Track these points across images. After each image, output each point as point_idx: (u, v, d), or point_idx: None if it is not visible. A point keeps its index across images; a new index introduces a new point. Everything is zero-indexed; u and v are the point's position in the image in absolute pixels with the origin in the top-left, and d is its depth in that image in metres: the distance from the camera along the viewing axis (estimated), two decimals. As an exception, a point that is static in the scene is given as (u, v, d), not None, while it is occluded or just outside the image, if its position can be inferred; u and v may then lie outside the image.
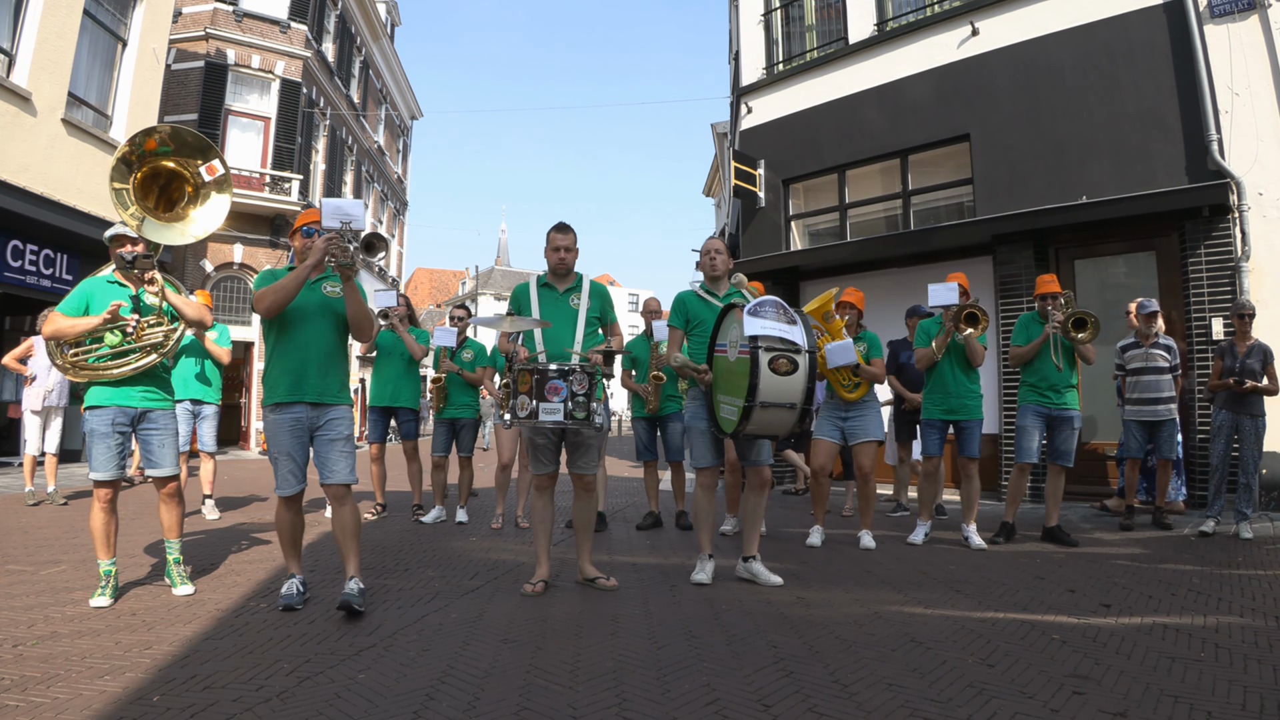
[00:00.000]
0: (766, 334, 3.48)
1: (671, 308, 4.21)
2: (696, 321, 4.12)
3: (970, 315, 5.00)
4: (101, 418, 3.44)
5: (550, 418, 3.42)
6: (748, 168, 9.96)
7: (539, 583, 3.73)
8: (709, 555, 3.96)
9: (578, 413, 3.45)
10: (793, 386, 3.50)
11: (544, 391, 3.43)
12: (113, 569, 3.47)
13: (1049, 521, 5.19)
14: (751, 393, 3.43)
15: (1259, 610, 3.34)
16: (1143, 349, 5.79)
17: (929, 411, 5.26)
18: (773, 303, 3.63)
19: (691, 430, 3.97)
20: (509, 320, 3.60)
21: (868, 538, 5.13)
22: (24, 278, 9.25)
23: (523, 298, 3.86)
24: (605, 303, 3.91)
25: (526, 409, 3.45)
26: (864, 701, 2.32)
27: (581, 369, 3.49)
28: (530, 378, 3.46)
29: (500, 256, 67.72)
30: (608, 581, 3.81)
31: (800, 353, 3.53)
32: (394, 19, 23.86)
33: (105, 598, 3.36)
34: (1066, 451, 5.15)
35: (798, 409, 3.55)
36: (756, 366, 3.44)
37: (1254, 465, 5.33)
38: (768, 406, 3.48)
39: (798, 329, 3.56)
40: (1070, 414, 5.14)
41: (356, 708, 2.26)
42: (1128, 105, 7.16)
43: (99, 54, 10.38)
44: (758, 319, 3.52)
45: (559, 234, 3.85)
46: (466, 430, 6.17)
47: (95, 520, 3.44)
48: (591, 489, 3.89)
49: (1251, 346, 5.37)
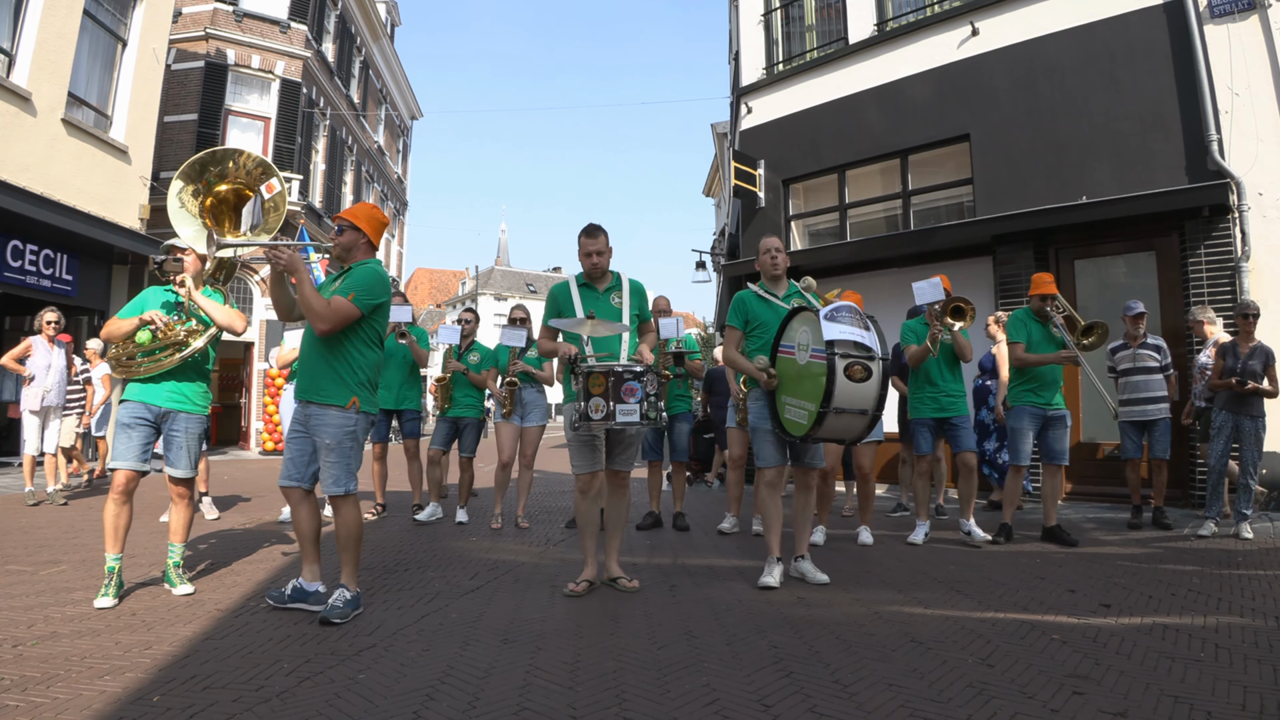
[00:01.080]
0: (844, 339, 3.47)
1: (731, 307, 4.16)
2: (757, 323, 4.05)
3: (956, 309, 5.01)
4: (127, 410, 3.60)
5: (626, 419, 3.43)
6: (748, 168, 9.97)
7: (583, 582, 3.71)
8: (778, 558, 3.89)
9: (650, 413, 3.47)
10: (866, 393, 3.49)
11: (620, 393, 3.43)
12: (117, 565, 3.48)
13: (1048, 521, 5.19)
14: (827, 399, 3.42)
15: (1259, 610, 3.34)
16: (1130, 350, 5.80)
17: (919, 411, 5.28)
18: (849, 308, 3.63)
19: (757, 431, 3.93)
20: (590, 324, 3.57)
21: (865, 534, 5.16)
22: (24, 278, 9.24)
23: (563, 297, 3.80)
24: (643, 300, 3.92)
25: (602, 411, 3.43)
26: (864, 701, 2.32)
27: (651, 370, 3.51)
28: (605, 379, 3.44)
29: (500, 256, 67.73)
30: (630, 583, 3.79)
31: (875, 359, 3.52)
32: (394, 19, 23.86)
33: (109, 598, 3.37)
34: (1061, 451, 5.16)
35: (869, 415, 3.54)
36: (833, 373, 3.41)
37: (1253, 466, 5.33)
38: (841, 413, 3.47)
39: (872, 335, 3.57)
40: (1063, 412, 5.16)
41: (356, 708, 2.26)
42: (1128, 105, 7.16)
43: (99, 54, 10.37)
44: (835, 324, 3.50)
45: (589, 239, 3.80)
46: (470, 430, 6.17)
47: (107, 511, 3.50)
48: (627, 486, 3.91)
49: (1254, 348, 5.36)
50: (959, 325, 5.01)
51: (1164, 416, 5.69)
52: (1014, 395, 5.28)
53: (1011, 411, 5.27)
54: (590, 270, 3.82)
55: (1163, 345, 5.79)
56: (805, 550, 4.06)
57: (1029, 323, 5.23)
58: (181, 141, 14.65)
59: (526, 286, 60.08)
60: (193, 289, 3.70)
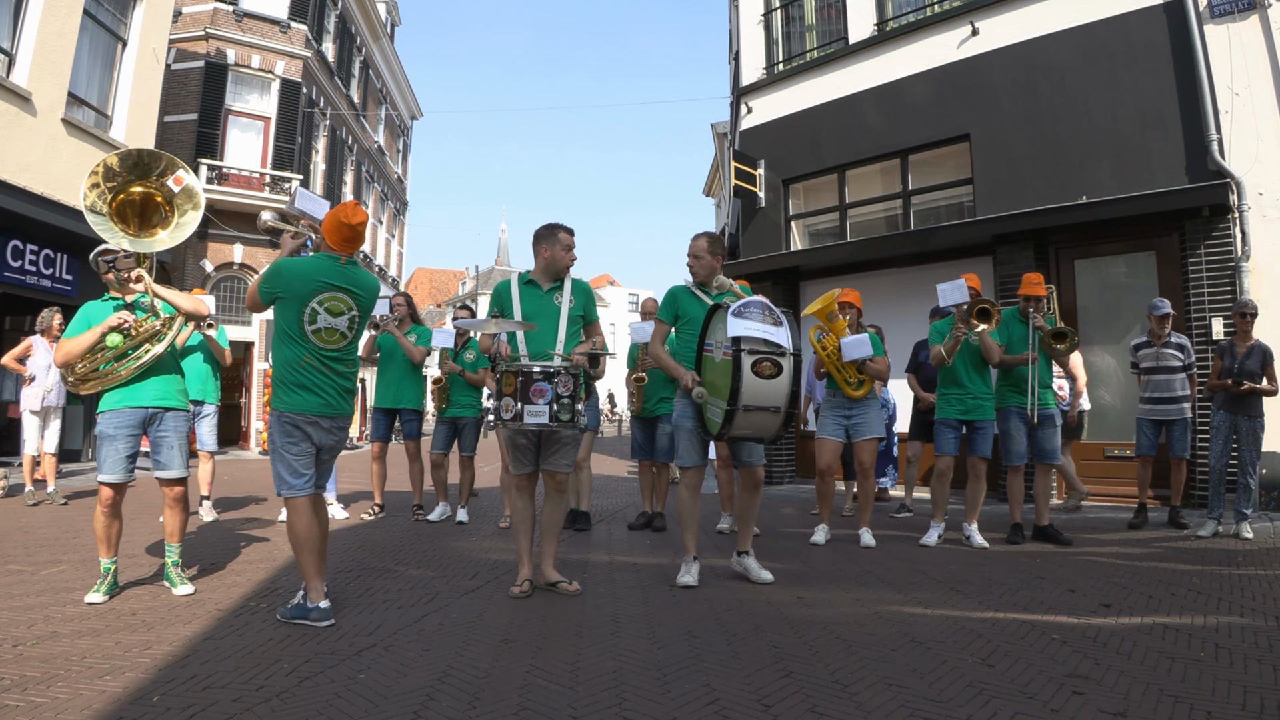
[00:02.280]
0: (750, 335, 3.44)
1: (662, 301, 4.16)
2: (687, 318, 4.04)
3: (982, 311, 4.99)
4: (112, 420, 3.46)
5: (535, 420, 3.38)
6: (748, 168, 9.96)
7: (524, 583, 3.67)
8: (694, 557, 3.90)
9: (562, 415, 3.41)
10: (776, 389, 3.45)
11: (529, 394, 3.38)
12: (112, 567, 3.50)
13: (1040, 520, 5.20)
14: (734, 396, 3.38)
15: (1259, 610, 3.34)
16: (1154, 348, 5.79)
17: (944, 411, 5.23)
18: (758, 304, 3.58)
19: (679, 429, 3.90)
20: (495, 322, 3.53)
21: (867, 535, 5.15)
22: (24, 278, 9.25)
23: (504, 295, 3.78)
24: (589, 300, 3.86)
25: (511, 411, 3.39)
26: (864, 701, 2.32)
27: (566, 370, 3.45)
28: (515, 379, 3.40)
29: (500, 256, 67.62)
30: (570, 586, 3.70)
31: (784, 355, 3.48)
32: (394, 19, 23.86)
33: (99, 594, 3.39)
34: (1052, 450, 5.16)
35: (781, 412, 3.50)
36: (739, 369, 3.39)
37: (1252, 466, 5.33)
38: (751, 410, 3.43)
39: (783, 330, 3.51)
40: (1051, 411, 5.17)
41: (356, 708, 2.26)
42: (1128, 105, 7.16)
43: (99, 54, 10.37)
44: (742, 320, 3.46)
45: (572, 235, 3.82)
46: (468, 430, 6.17)
47: (98, 521, 3.46)
48: (563, 489, 3.83)
49: (1251, 347, 5.36)
50: (984, 327, 4.98)
51: (1183, 416, 5.68)
52: (999, 397, 5.28)
53: (999, 414, 5.27)
54: (568, 264, 3.80)
55: (1186, 345, 5.77)
56: (748, 546, 4.04)
57: (1012, 323, 5.25)
58: (182, 141, 14.65)
59: (526, 286, 59.91)
60: (151, 282, 3.58)
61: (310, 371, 3.17)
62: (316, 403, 3.18)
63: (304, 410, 3.16)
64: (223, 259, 15.23)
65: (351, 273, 3.29)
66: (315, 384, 3.18)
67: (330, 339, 3.21)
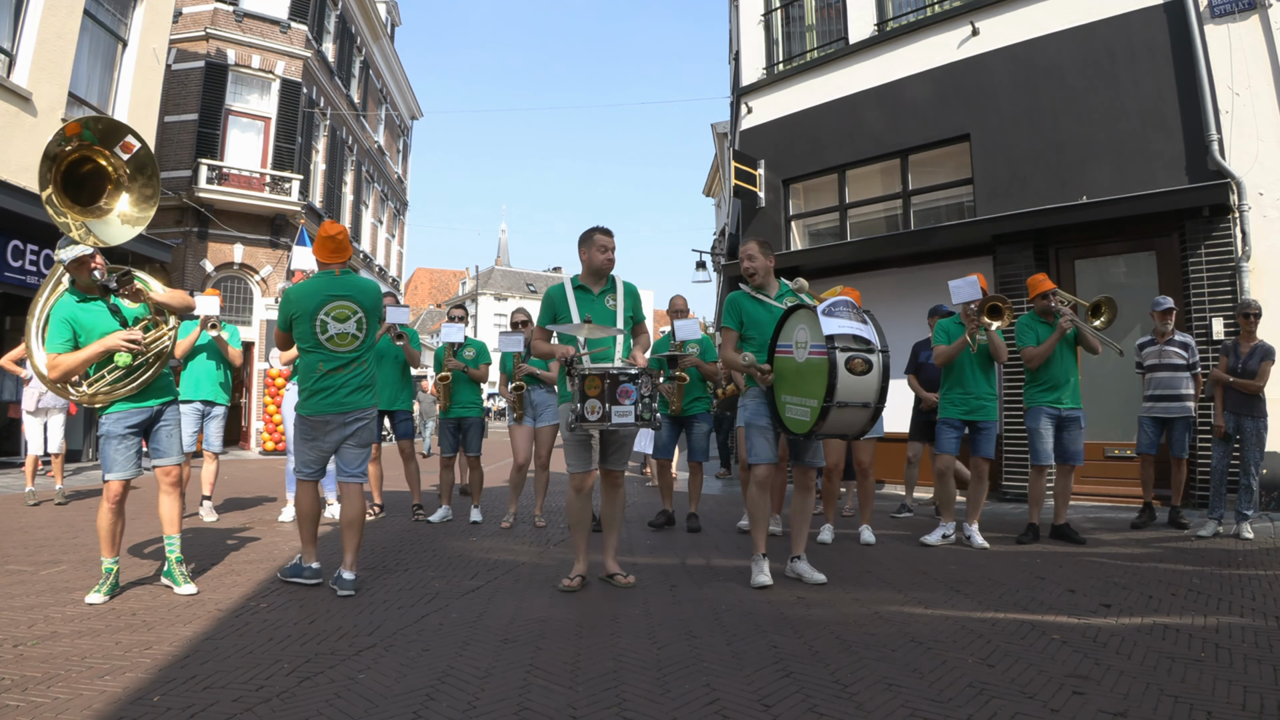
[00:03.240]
0: (843, 333, 3.49)
1: (724, 309, 4.17)
2: (751, 322, 4.06)
3: (993, 308, 4.98)
4: (121, 421, 3.49)
5: (622, 420, 3.50)
6: (748, 168, 9.96)
7: (576, 578, 3.77)
8: (764, 554, 3.92)
9: (645, 414, 3.53)
10: (868, 385, 3.51)
11: (616, 395, 3.49)
12: (114, 567, 3.51)
13: (1057, 520, 5.20)
14: (830, 393, 3.43)
15: (1259, 610, 3.34)
16: (1157, 346, 5.78)
17: (947, 411, 5.22)
18: (845, 302, 3.65)
19: (750, 428, 3.93)
20: (586, 328, 3.62)
21: (868, 533, 5.16)
22: (24, 278, 9.25)
23: (559, 300, 3.85)
24: (637, 302, 3.97)
25: (598, 412, 3.49)
26: (864, 701, 2.32)
27: (645, 372, 3.56)
28: (601, 382, 3.49)
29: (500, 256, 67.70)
30: (625, 579, 3.85)
31: (875, 351, 3.54)
32: (394, 19, 23.86)
33: (100, 595, 3.40)
34: (1077, 451, 5.15)
35: (872, 407, 3.56)
36: (834, 367, 3.43)
37: (1255, 466, 5.33)
38: (844, 406, 3.48)
39: (870, 328, 3.59)
40: (1078, 413, 5.15)
41: (356, 708, 2.26)
42: (1128, 105, 7.16)
43: (99, 54, 10.38)
44: (833, 319, 3.52)
45: (607, 236, 3.88)
46: (473, 430, 6.17)
47: (102, 519, 3.49)
48: (621, 485, 3.97)
49: (1254, 347, 5.37)
50: (996, 325, 4.96)
51: (1185, 415, 5.66)
52: (1029, 397, 5.26)
53: (1028, 413, 5.25)
54: (603, 267, 3.86)
55: (1190, 343, 5.76)
56: (802, 550, 4.06)
57: (1035, 325, 5.23)
58: (182, 141, 14.66)
59: (527, 286, 60.08)
60: (150, 293, 3.55)
61: (326, 377, 3.68)
62: (329, 404, 3.68)
63: (318, 412, 3.69)
64: (223, 259, 15.23)
65: (347, 280, 3.81)
66: (328, 387, 3.68)
67: (343, 343, 3.71)
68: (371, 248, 22.11)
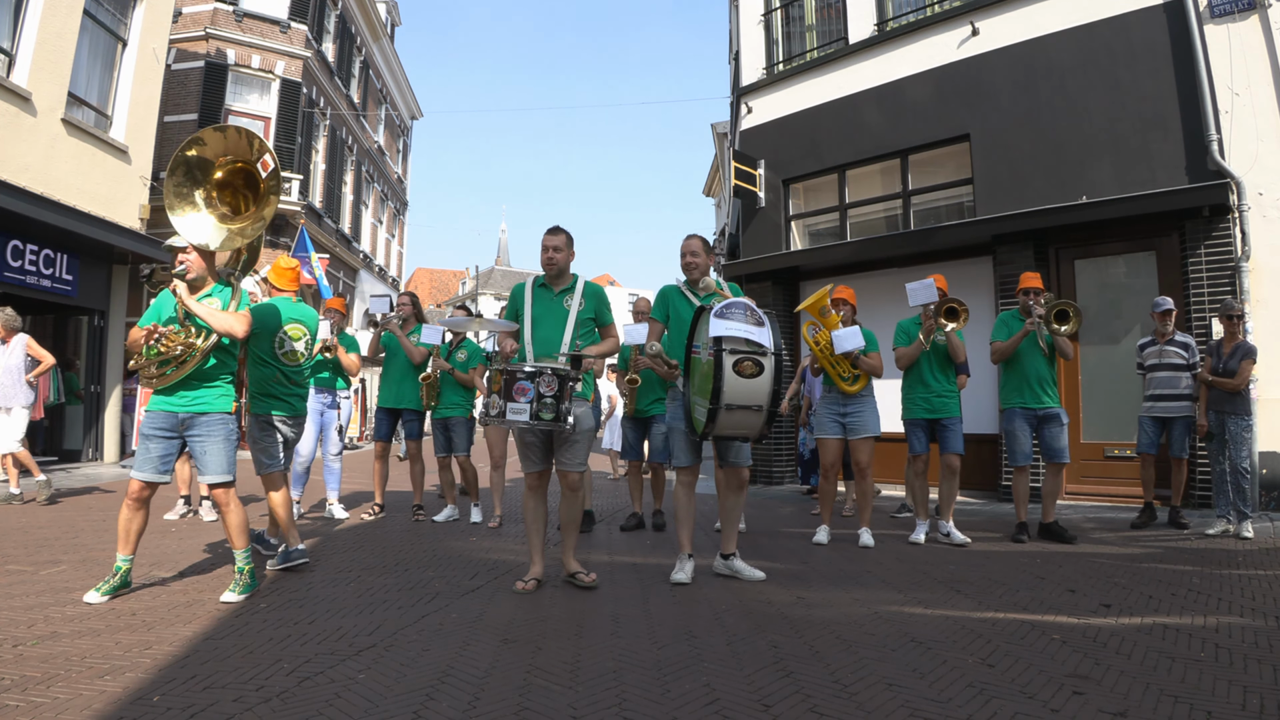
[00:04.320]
0: (731, 335, 3.50)
1: (655, 300, 4.24)
2: (677, 318, 4.12)
3: (950, 310, 5.03)
4: (149, 421, 3.59)
5: (516, 418, 3.48)
6: (748, 168, 9.96)
7: (531, 580, 3.76)
8: (689, 555, 3.98)
9: (544, 414, 3.48)
10: (758, 389, 3.51)
11: (512, 392, 3.49)
12: (124, 566, 3.53)
13: (1045, 518, 5.22)
14: (716, 395, 3.45)
15: (1259, 610, 3.34)
16: (1157, 346, 5.80)
17: (911, 411, 5.30)
18: (741, 304, 3.64)
19: (672, 430, 4.01)
20: (478, 321, 3.71)
21: (866, 535, 5.15)
22: (24, 278, 9.23)
23: (518, 298, 3.93)
24: (600, 304, 3.94)
25: (496, 409, 3.52)
26: (864, 701, 2.32)
27: (552, 371, 3.51)
28: (500, 378, 3.52)
29: (500, 256, 67.67)
30: (587, 577, 3.84)
31: (766, 355, 3.53)
32: (394, 19, 23.86)
33: (98, 594, 3.39)
34: (1060, 449, 5.17)
35: (764, 411, 3.56)
36: (720, 369, 3.45)
37: (1242, 464, 5.33)
38: (733, 409, 3.49)
39: (764, 330, 3.56)
40: (1056, 410, 5.18)
41: (356, 708, 2.26)
42: (1128, 105, 7.16)
43: (99, 54, 10.37)
44: (724, 320, 3.53)
45: (549, 235, 3.92)
46: (459, 429, 6.17)
47: (121, 514, 3.54)
48: (576, 487, 3.90)
49: (1236, 346, 5.41)
50: (951, 326, 5.03)
51: (1184, 415, 5.68)
52: (1003, 398, 5.32)
53: (1003, 414, 5.31)
54: (545, 266, 3.90)
55: (1190, 343, 5.78)
56: (734, 548, 4.11)
57: (1011, 322, 5.30)
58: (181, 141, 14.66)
59: (526, 286, 60.00)
60: (185, 296, 3.48)
61: (279, 385, 4.15)
62: (284, 407, 4.17)
63: (274, 412, 4.13)
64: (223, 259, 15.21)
65: (302, 307, 4.40)
66: (281, 394, 4.16)
67: (293, 359, 4.21)
68: (371, 248, 22.11)
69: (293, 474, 6.01)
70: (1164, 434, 5.78)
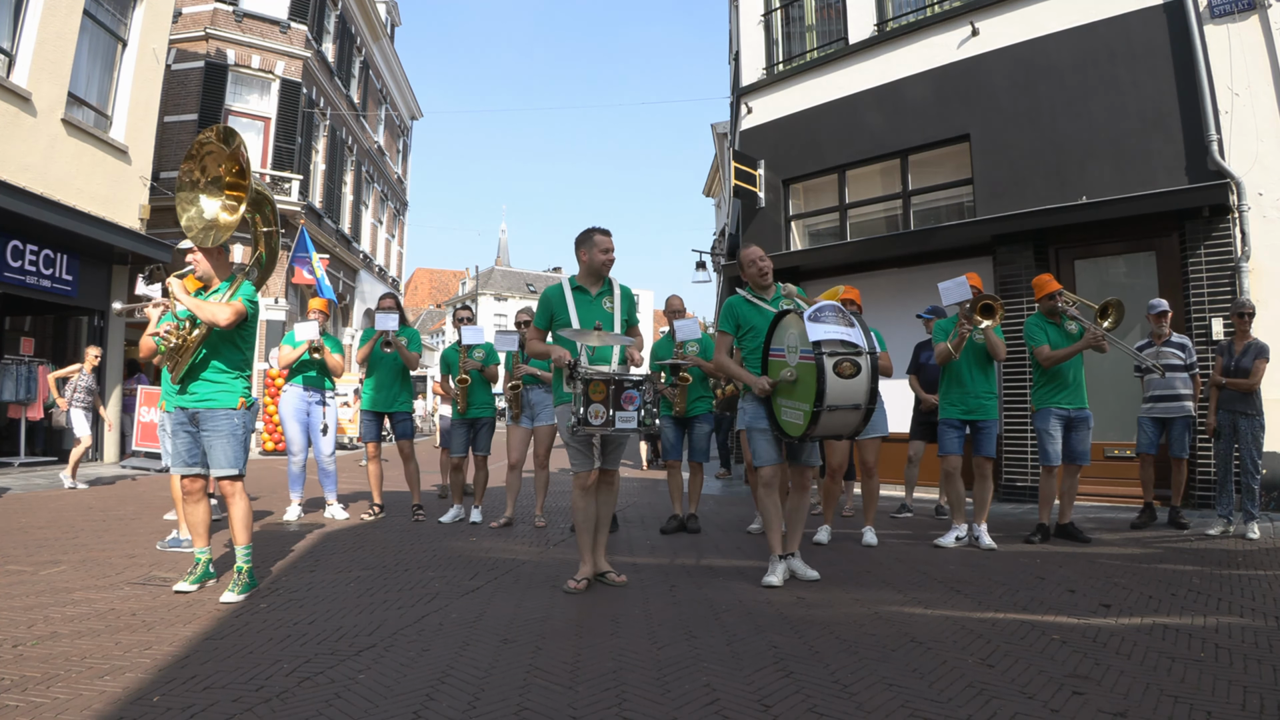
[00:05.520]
0: (829, 338, 3.53)
1: (722, 312, 4.20)
2: (747, 327, 4.09)
3: (985, 307, 4.96)
4: (172, 418, 3.81)
5: (626, 425, 3.55)
6: (748, 168, 9.96)
7: (583, 580, 3.78)
8: (780, 556, 3.94)
9: (647, 419, 3.58)
10: (857, 388, 3.56)
11: (620, 400, 3.52)
12: (204, 557, 3.72)
13: (1063, 519, 5.20)
14: (820, 398, 3.47)
15: (1259, 610, 3.34)
16: (1155, 348, 5.80)
17: (947, 411, 5.19)
18: (830, 307, 3.69)
19: (752, 432, 3.96)
20: (598, 335, 3.64)
21: (870, 534, 5.14)
22: (24, 278, 9.24)
23: (556, 301, 3.86)
24: (631, 305, 3.98)
25: (601, 417, 3.52)
26: (864, 701, 2.32)
27: (648, 378, 3.61)
28: (606, 387, 3.52)
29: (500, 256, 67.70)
30: (617, 577, 3.88)
31: (862, 354, 3.58)
32: (394, 19, 23.86)
33: (187, 584, 3.60)
34: (1084, 451, 5.15)
35: (862, 409, 3.60)
36: (822, 372, 3.48)
37: (1254, 465, 5.33)
38: (835, 409, 3.53)
39: (856, 331, 3.62)
40: (1086, 413, 5.16)
41: (356, 708, 2.26)
42: (1128, 105, 7.16)
43: (99, 54, 10.37)
44: (819, 324, 3.56)
45: (607, 237, 3.89)
46: (484, 430, 6.18)
47: (184, 511, 3.78)
48: (616, 484, 4.00)
49: (1247, 345, 5.39)
50: (987, 324, 4.95)
51: (1184, 415, 5.68)
52: (1038, 398, 5.24)
53: (1037, 414, 5.23)
54: (603, 267, 3.87)
55: (1187, 344, 5.78)
56: (796, 548, 4.10)
57: (1045, 325, 5.22)
58: (181, 142, 14.64)
59: (527, 287, 60.11)
60: (176, 290, 3.62)
61: None
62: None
63: None
64: (223, 259, 15.21)
65: None
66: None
67: None
68: (371, 248, 22.11)
69: (289, 475, 6.06)
70: (1164, 434, 5.77)
